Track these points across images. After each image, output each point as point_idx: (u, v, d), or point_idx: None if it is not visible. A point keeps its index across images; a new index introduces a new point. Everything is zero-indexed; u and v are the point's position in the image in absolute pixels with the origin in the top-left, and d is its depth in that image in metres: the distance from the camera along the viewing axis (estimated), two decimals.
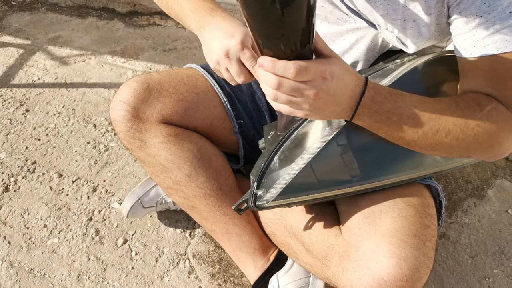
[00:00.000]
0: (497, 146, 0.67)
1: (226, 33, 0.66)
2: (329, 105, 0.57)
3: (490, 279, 1.06)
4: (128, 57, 1.61)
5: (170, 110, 0.90)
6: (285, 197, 0.75)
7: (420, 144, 0.66)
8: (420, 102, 0.63)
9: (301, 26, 0.48)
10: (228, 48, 0.65)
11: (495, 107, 0.64)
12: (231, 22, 0.68)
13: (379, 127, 0.64)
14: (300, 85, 0.53)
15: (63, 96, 1.46)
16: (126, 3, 1.82)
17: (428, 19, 0.71)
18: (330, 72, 0.54)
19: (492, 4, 0.61)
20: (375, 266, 0.69)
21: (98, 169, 1.24)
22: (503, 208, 1.21)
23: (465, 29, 0.65)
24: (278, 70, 0.52)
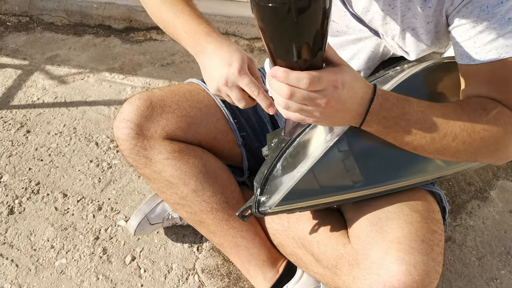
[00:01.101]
0: (503, 150, 0.68)
1: (224, 61, 0.69)
2: (339, 113, 0.59)
3: (497, 280, 1.06)
4: (126, 73, 1.62)
5: (174, 126, 0.91)
6: (287, 202, 0.76)
7: (428, 148, 0.66)
8: (427, 107, 0.64)
9: (316, 35, 0.49)
10: (227, 77, 0.68)
11: (500, 111, 0.65)
12: (227, 48, 0.70)
13: (387, 133, 0.65)
14: (312, 94, 0.54)
15: (63, 115, 1.46)
16: (122, 20, 1.83)
17: (427, 27, 0.72)
18: (341, 81, 0.55)
19: (491, 11, 0.63)
20: (385, 273, 0.70)
21: (102, 187, 1.24)
22: (507, 209, 1.22)
23: (466, 36, 0.66)
24: (291, 81, 0.53)
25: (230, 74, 0.68)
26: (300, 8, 0.45)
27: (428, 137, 0.64)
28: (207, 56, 0.72)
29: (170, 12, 0.81)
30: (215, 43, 0.72)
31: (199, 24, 0.77)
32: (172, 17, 0.80)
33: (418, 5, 0.70)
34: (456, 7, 0.66)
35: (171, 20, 0.80)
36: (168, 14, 0.81)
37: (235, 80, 0.67)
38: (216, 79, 0.70)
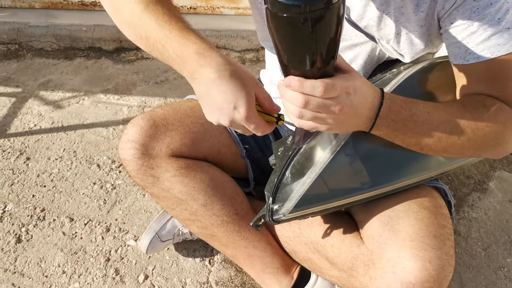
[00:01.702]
0: (504, 144, 0.70)
1: (227, 100, 0.61)
2: (351, 118, 0.60)
3: (505, 269, 1.09)
4: (121, 93, 1.63)
5: (178, 143, 0.93)
6: (300, 208, 0.77)
7: (435, 148, 0.69)
8: (432, 108, 0.66)
9: (330, 43, 0.50)
10: (232, 119, 0.62)
11: (499, 107, 0.68)
12: (230, 80, 0.61)
13: (395, 135, 0.67)
14: (327, 102, 0.55)
15: (62, 139, 1.46)
16: (111, 41, 1.85)
17: (420, 31, 0.75)
18: (353, 87, 0.57)
19: (481, 12, 0.65)
20: (402, 271, 0.71)
21: (108, 208, 1.25)
22: (506, 198, 1.25)
23: (459, 38, 0.69)
24: (306, 89, 0.54)
25: (236, 117, 0.62)
26: (317, 17, 0.46)
27: (435, 137, 0.66)
28: (204, 84, 0.62)
29: (151, 27, 0.66)
30: (209, 70, 0.61)
31: (187, 39, 0.64)
32: (154, 33, 0.66)
33: (411, 10, 0.73)
34: (447, 10, 0.69)
35: (154, 37, 0.66)
36: (149, 29, 0.67)
37: (241, 122, 0.62)
38: (217, 118, 0.64)
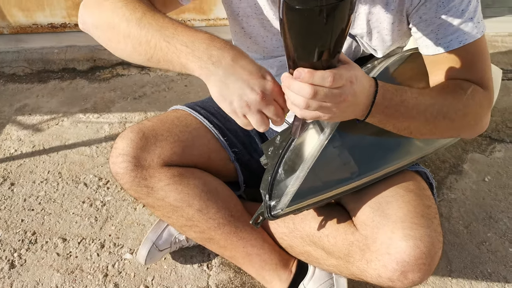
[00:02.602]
0: (480, 123, 0.77)
1: (253, 71, 0.61)
2: (352, 107, 0.63)
3: (486, 243, 1.16)
4: (100, 111, 1.63)
5: (169, 152, 0.95)
6: (296, 202, 0.81)
7: (422, 130, 0.74)
8: (418, 94, 0.71)
9: (341, 35, 0.52)
10: (264, 88, 0.61)
11: (474, 88, 0.75)
12: (248, 58, 0.63)
13: (388, 121, 0.71)
14: (334, 91, 0.58)
15: (45, 162, 1.46)
16: (85, 60, 1.85)
17: (391, 27, 0.81)
18: (355, 76, 0.60)
19: (447, 6, 0.72)
20: (396, 251, 0.76)
21: (101, 225, 1.25)
22: (480, 178, 1.33)
23: (428, 30, 0.75)
24: (316, 80, 0.56)
25: (266, 86, 0.61)
26: (332, 9, 0.48)
27: (423, 119, 0.72)
28: (225, 67, 0.61)
29: (153, 29, 0.67)
30: (230, 51, 0.62)
31: (197, 31, 0.65)
32: (157, 34, 0.66)
33: (381, 9, 0.78)
34: (415, 6, 0.75)
35: (157, 37, 0.66)
36: (149, 32, 0.67)
37: (259, 106, 0.61)
38: (244, 93, 0.61)
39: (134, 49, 0.70)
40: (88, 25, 0.77)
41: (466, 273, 1.10)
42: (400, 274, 0.76)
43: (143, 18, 0.68)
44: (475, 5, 0.74)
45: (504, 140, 1.45)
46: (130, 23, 0.68)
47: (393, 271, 0.77)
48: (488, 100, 0.77)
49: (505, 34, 1.92)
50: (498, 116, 1.53)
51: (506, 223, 1.21)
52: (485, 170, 1.35)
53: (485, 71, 0.77)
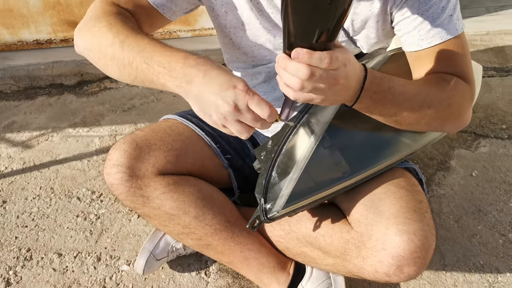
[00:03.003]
0: (463, 114, 0.79)
1: (223, 83, 0.63)
2: (344, 90, 0.63)
3: (477, 236, 1.19)
4: (90, 125, 1.64)
5: (163, 161, 0.96)
6: (291, 203, 0.83)
7: (408, 119, 0.75)
8: (405, 82, 0.73)
9: (342, 15, 0.53)
10: (235, 99, 0.62)
11: (456, 80, 0.78)
12: (220, 69, 0.65)
13: (375, 107, 0.72)
14: (330, 73, 0.58)
15: (36, 178, 1.45)
16: (72, 75, 1.85)
17: (376, 26, 0.84)
18: (348, 59, 0.60)
19: (428, 3, 0.75)
20: (391, 246, 0.78)
21: (96, 238, 1.25)
22: (468, 173, 1.36)
23: (410, 27, 0.79)
24: (314, 61, 0.56)
25: (238, 96, 0.62)
26: None
27: (409, 108, 0.73)
28: (199, 83, 0.65)
29: (134, 51, 0.71)
30: (202, 66, 0.65)
31: (173, 50, 0.69)
32: (138, 56, 0.71)
33: (366, 8, 0.81)
34: (398, 4, 0.78)
35: (138, 59, 0.71)
36: (131, 54, 0.72)
37: (244, 101, 0.63)
38: (220, 106, 0.63)
39: (120, 71, 0.75)
40: (81, 49, 0.82)
41: (459, 266, 1.13)
42: (396, 268, 0.78)
43: (125, 41, 0.73)
44: (454, 3, 0.77)
45: (489, 135, 1.49)
46: (114, 46, 0.74)
47: (389, 266, 0.78)
48: (470, 93, 0.80)
49: (483, 33, 1.98)
50: (481, 112, 1.57)
51: (495, 216, 1.24)
52: (472, 165, 1.39)
53: (466, 65, 0.81)
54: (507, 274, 1.11)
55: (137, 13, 0.84)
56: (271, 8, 0.83)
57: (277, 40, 0.89)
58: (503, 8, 2.15)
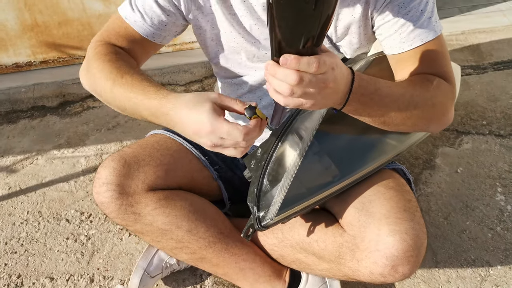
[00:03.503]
0: (446, 114, 0.81)
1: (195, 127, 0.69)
2: (333, 94, 0.64)
3: (466, 231, 1.21)
4: (75, 146, 1.62)
5: (153, 177, 0.96)
6: (285, 210, 0.84)
7: (395, 120, 0.76)
8: (390, 84, 0.75)
9: (327, 20, 0.54)
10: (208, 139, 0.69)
11: (439, 81, 0.80)
12: (189, 110, 0.70)
13: (363, 110, 0.73)
14: (319, 77, 0.59)
15: (23, 203, 1.43)
16: (54, 96, 1.84)
17: (358, 31, 0.85)
18: (335, 63, 0.61)
19: (407, 6, 0.77)
20: (384, 247, 0.79)
21: (87, 259, 1.23)
22: (453, 170, 1.39)
23: (391, 31, 0.81)
24: (302, 66, 0.56)
25: (209, 136, 0.68)
26: None
27: (396, 109, 0.75)
28: (179, 127, 0.74)
29: (122, 98, 0.81)
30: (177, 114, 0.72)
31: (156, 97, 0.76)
32: (127, 103, 0.80)
33: (348, 14, 0.83)
34: (378, 9, 0.80)
35: (128, 106, 0.81)
36: (121, 102, 0.82)
37: (215, 137, 0.68)
38: (202, 143, 0.71)
39: (119, 110, 0.86)
40: (87, 88, 0.91)
41: (451, 262, 1.14)
42: (391, 268, 0.79)
43: (114, 88, 0.81)
44: (432, 6, 0.80)
45: (470, 132, 1.52)
46: (106, 93, 0.84)
47: (384, 267, 0.79)
48: (452, 92, 0.82)
49: (458, 32, 2.03)
50: (462, 110, 1.61)
51: (482, 210, 1.26)
52: (456, 162, 1.41)
53: (447, 65, 0.83)
54: (498, 267, 1.13)
55: (130, 46, 0.90)
56: (254, 20, 0.84)
57: (261, 51, 0.90)
58: (475, 7, 2.21)
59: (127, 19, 0.88)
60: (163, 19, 0.87)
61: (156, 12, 0.86)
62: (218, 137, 0.68)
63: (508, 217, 1.24)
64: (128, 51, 0.90)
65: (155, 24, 0.87)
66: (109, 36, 0.90)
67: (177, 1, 0.85)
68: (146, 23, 0.87)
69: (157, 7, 0.85)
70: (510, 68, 1.81)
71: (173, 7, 0.85)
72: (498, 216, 1.24)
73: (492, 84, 1.72)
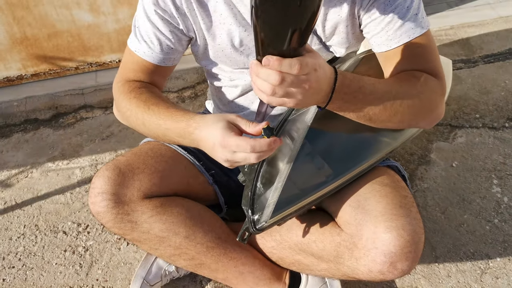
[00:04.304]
0: (435, 110, 0.81)
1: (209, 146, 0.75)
2: (315, 94, 0.65)
3: (464, 224, 1.21)
4: (69, 157, 1.61)
5: (148, 184, 0.95)
6: (279, 212, 0.84)
7: (381, 116, 0.76)
8: (375, 81, 0.75)
9: (311, 21, 0.54)
10: (221, 156, 0.73)
11: (426, 76, 0.80)
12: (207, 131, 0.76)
13: (347, 107, 0.73)
14: (300, 78, 0.60)
15: (19, 217, 1.42)
16: (47, 109, 1.83)
17: (345, 30, 0.86)
18: (318, 64, 0.62)
19: (393, 4, 0.78)
20: (382, 244, 0.79)
21: (86, 271, 1.23)
22: (448, 164, 1.39)
23: (378, 29, 0.81)
24: (284, 67, 0.58)
25: (226, 156, 0.72)
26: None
27: (381, 106, 0.75)
28: (202, 146, 0.79)
29: (155, 129, 0.87)
30: (198, 135, 0.78)
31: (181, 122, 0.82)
32: (159, 132, 0.86)
33: (335, 14, 0.83)
34: (365, 7, 0.80)
35: (160, 134, 0.87)
36: (153, 132, 0.88)
37: (226, 152, 0.72)
38: (219, 160, 0.76)
39: (156, 139, 0.92)
40: (120, 120, 0.97)
41: (450, 256, 1.14)
42: (390, 265, 0.79)
43: (144, 121, 0.87)
44: (418, 2, 0.80)
45: (464, 125, 1.52)
46: (139, 126, 0.90)
47: (383, 264, 0.79)
48: (440, 87, 0.82)
49: (447, 27, 2.03)
50: (454, 104, 1.61)
51: (479, 203, 1.26)
52: (451, 156, 1.42)
53: (435, 61, 0.83)
54: (497, 259, 1.13)
55: (147, 77, 0.95)
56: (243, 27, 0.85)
57: (250, 58, 0.90)
58: (463, 1, 2.22)
59: (137, 52, 0.92)
60: (168, 43, 0.89)
61: (160, 39, 0.89)
62: (230, 151, 0.71)
63: (505, 209, 1.24)
64: (148, 81, 0.95)
65: (163, 50, 0.90)
66: (127, 74, 0.95)
67: (175, 22, 0.87)
68: (154, 51, 0.90)
69: (159, 33, 0.88)
70: (500, 61, 1.82)
71: (173, 27, 0.87)
72: (495, 208, 1.25)
73: (483, 77, 1.73)
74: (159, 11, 0.85)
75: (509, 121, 1.52)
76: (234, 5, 0.83)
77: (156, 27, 0.87)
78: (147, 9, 0.86)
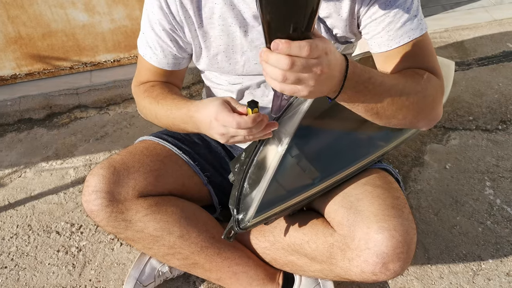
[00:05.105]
0: (436, 108, 0.82)
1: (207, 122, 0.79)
2: (328, 80, 0.62)
3: (457, 226, 1.22)
4: (63, 157, 1.61)
5: (143, 183, 0.95)
6: (262, 212, 0.85)
7: (388, 110, 0.75)
8: (383, 74, 0.75)
9: (317, 3, 0.53)
10: (217, 131, 0.78)
11: (429, 75, 0.81)
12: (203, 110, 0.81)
13: (358, 98, 0.71)
14: (310, 61, 0.57)
15: (12, 217, 1.42)
16: (41, 108, 1.82)
17: (345, 30, 0.86)
18: (329, 48, 0.60)
19: (393, 4, 0.78)
20: (374, 245, 0.79)
21: (79, 271, 1.22)
22: (442, 166, 1.40)
23: (379, 29, 0.81)
24: (293, 50, 0.56)
25: (220, 130, 0.76)
26: None
27: (389, 99, 0.74)
28: (202, 128, 0.84)
29: (166, 119, 0.93)
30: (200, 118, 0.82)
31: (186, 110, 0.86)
32: (170, 122, 0.92)
33: (335, 13, 0.83)
34: (366, 7, 0.81)
35: (170, 124, 0.93)
36: (166, 122, 0.94)
37: (222, 127, 0.76)
38: (217, 138, 0.80)
39: (170, 129, 0.98)
40: (145, 118, 1.04)
41: (443, 258, 1.15)
42: (382, 266, 0.79)
43: (157, 115, 0.95)
44: (417, 4, 0.81)
45: (457, 128, 1.53)
46: (156, 120, 0.97)
47: (375, 264, 0.80)
48: (441, 86, 0.83)
49: (442, 30, 2.05)
50: (448, 106, 1.62)
51: (472, 205, 1.27)
52: (445, 158, 1.43)
53: (434, 61, 0.84)
54: (489, 261, 1.14)
55: (161, 79, 0.99)
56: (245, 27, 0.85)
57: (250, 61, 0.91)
58: (458, 4, 2.24)
59: (144, 56, 0.96)
60: (170, 51, 0.93)
61: (163, 46, 0.92)
62: (222, 126, 0.75)
63: (497, 210, 1.25)
64: (162, 82, 1.00)
65: (167, 56, 0.94)
66: (141, 77, 1.01)
67: (176, 32, 0.89)
68: (159, 57, 0.94)
69: (162, 41, 0.91)
70: (494, 63, 1.84)
71: (174, 37, 0.90)
72: (488, 210, 1.25)
73: (477, 80, 1.74)
74: (161, 21, 0.87)
75: (502, 123, 1.53)
76: (235, 5, 0.83)
77: (159, 36, 0.90)
78: (151, 19, 0.88)
